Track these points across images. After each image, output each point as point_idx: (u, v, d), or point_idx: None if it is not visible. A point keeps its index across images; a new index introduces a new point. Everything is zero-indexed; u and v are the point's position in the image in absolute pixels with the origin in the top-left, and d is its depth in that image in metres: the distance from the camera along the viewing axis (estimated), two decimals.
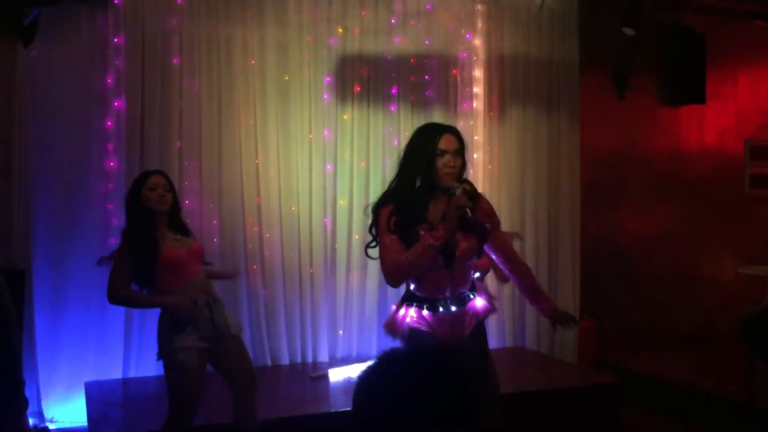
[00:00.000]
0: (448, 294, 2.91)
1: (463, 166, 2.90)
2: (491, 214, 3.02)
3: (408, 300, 2.99)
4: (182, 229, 3.43)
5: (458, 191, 2.74)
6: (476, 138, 5.71)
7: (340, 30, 5.36)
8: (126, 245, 3.25)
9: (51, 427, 4.48)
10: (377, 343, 5.42)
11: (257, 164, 5.14)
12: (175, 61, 4.92)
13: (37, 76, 4.64)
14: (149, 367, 4.59)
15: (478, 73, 5.74)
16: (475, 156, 5.68)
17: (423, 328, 2.91)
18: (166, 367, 3.22)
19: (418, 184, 2.86)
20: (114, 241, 4.34)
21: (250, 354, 3.69)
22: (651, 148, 6.15)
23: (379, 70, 5.47)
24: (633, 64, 5.77)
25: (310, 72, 5.26)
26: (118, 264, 3.24)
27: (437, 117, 5.60)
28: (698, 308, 5.64)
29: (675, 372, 5.67)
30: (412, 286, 2.97)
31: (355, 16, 5.39)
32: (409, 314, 2.95)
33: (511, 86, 5.80)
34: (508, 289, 5.37)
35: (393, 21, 5.48)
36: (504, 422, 3.94)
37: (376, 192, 5.48)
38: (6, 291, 3.96)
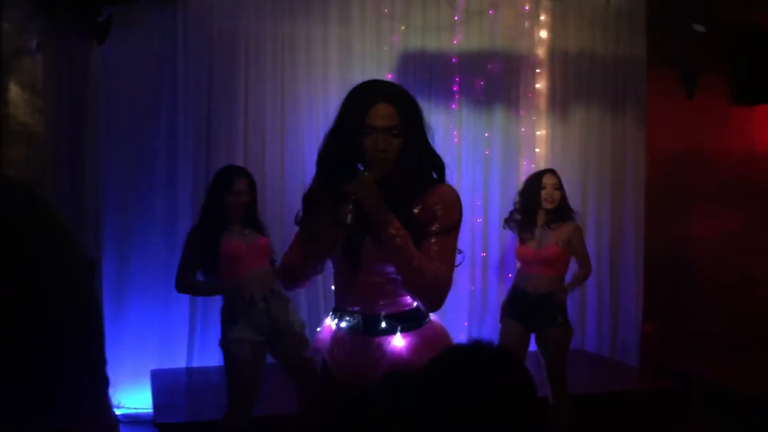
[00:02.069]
0: (357, 309, 2.14)
1: (412, 146, 2.07)
2: (439, 212, 2.07)
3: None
4: (254, 224, 3.51)
5: (366, 173, 2.03)
6: (539, 133, 5.65)
7: (402, 27, 5.38)
8: (193, 237, 3.37)
9: (118, 412, 4.64)
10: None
11: None
12: (241, 59, 5.01)
13: (109, 73, 4.79)
14: (212, 356, 4.70)
15: (542, 70, 5.67)
16: (537, 151, 5.63)
17: (324, 351, 2.23)
18: (224, 357, 3.32)
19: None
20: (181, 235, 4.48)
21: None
22: (721, 149, 5.96)
23: (441, 67, 5.46)
24: (703, 62, 5.61)
25: (371, 69, 5.29)
26: (185, 255, 3.37)
27: (499, 114, 5.57)
28: (766, 315, 5.45)
29: (740, 379, 5.49)
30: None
31: (417, 14, 5.39)
32: (324, 324, 2.30)
33: (576, 84, 5.71)
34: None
35: (456, 18, 5.46)
36: (565, 426, 3.91)
37: None
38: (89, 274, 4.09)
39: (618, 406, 4.44)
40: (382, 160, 2.02)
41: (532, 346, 4.04)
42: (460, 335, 5.53)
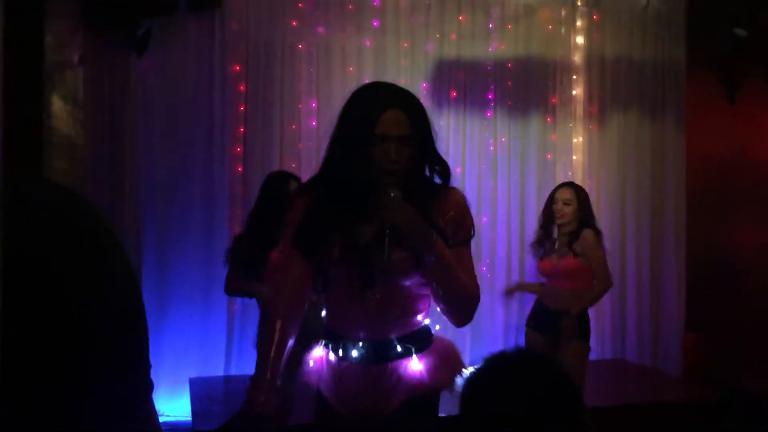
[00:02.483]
0: (362, 335, 1.96)
1: (425, 155, 1.95)
2: (457, 222, 1.96)
3: (325, 335, 2.10)
4: None
5: (393, 194, 1.85)
6: (575, 141, 5.59)
7: (438, 35, 5.37)
8: (242, 244, 3.47)
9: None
10: (470, 350, 5.40)
11: None
12: (277, 69, 5.06)
13: (147, 84, 4.87)
14: (250, 364, 4.71)
15: (578, 75, 5.61)
16: (574, 158, 5.56)
17: (320, 386, 2.06)
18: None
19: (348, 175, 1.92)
20: (218, 244, 4.53)
21: None
22: (765, 154, 5.83)
23: (476, 75, 5.44)
24: (744, 66, 5.49)
25: (406, 78, 5.29)
26: (233, 261, 3.48)
27: (535, 121, 5.53)
28: None
29: None
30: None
31: (452, 21, 5.38)
32: (314, 356, 2.11)
33: (613, 90, 5.64)
34: (606, 297, 5.20)
35: (490, 25, 5.44)
36: None
37: (469, 196, 5.44)
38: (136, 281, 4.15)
39: (659, 417, 4.34)
40: (393, 172, 1.85)
41: None
42: (496, 346, 5.48)
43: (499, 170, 5.52)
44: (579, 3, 5.59)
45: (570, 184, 4.17)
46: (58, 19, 4.61)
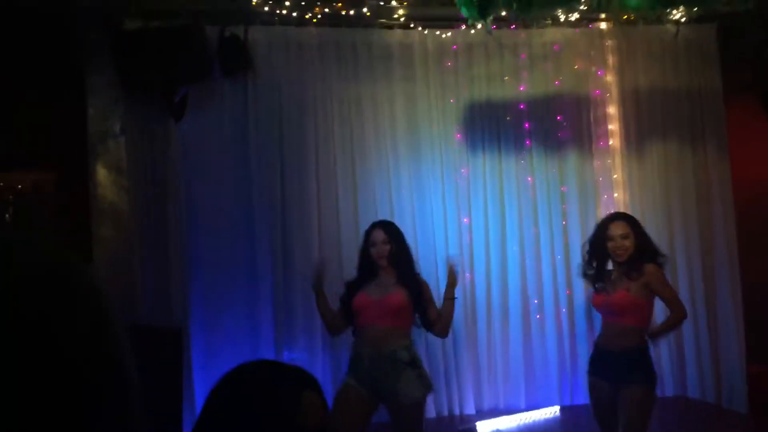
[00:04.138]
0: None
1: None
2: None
3: None
4: (402, 277, 3.59)
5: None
6: (615, 176, 5.49)
7: (467, 79, 5.41)
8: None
9: None
10: (525, 393, 5.25)
11: (392, 218, 5.21)
12: (310, 123, 5.15)
13: (187, 149, 5.00)
14: None
15: (613, 110, 5.56)
16: (615, 195, 5.46)
17: None
18: None
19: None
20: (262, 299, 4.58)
21: None
22: None
23: (509, 116, 5.43)
24: None
25: (438, 123, 5.32)
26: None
27: (572, 159, 5.47)
28: None
29: None
30: None
31: (481, 65, 5.42)
32: None
33: (649, 121, 5.55)
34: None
35: (519, 65, 5.45)
36: None
37: (511, 241, 5.38)
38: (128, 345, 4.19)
39: None
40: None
41: None
42: (552, 390, 5.32)
43: (540, 211, 5.45)
44: (608, 42, 5.57)
45: (622, 216, 3.95)
46: (99, 92, 4.81)
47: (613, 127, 5.56)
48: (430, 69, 5.35)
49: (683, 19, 5.42)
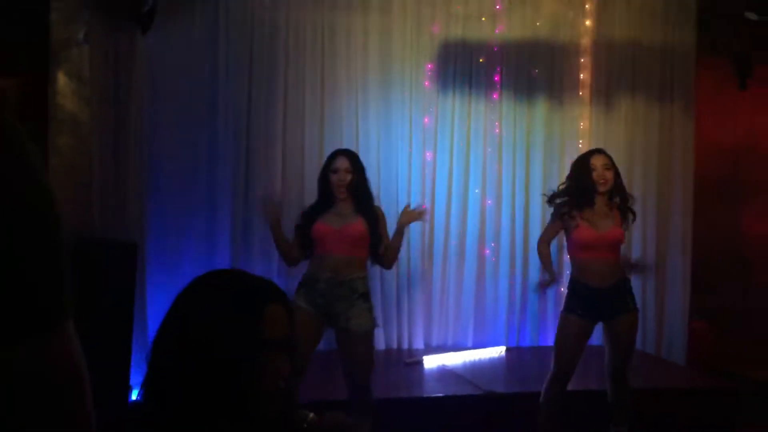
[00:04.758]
0: None
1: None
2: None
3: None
4: (361, 208, 3.56)
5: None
6: (581, 125, 5.53)
7: (444, 16, 5.33)
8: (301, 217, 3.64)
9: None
10: (473, 332, 5.39)
11: (357, 150, 5.18)
12: (281, 48, 5.04)
13: (151, 62, 4.87)
14: None
15: (586, 59, 5.56)
16: (580, 144, 5.51)
17: None
18: None
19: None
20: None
21: None
22: None
23: (482, 57, 5.39)
24: (756, 51, 5.41)
25: (412, 58, 5.26)
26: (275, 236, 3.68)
27: (541, 105, 5.49)
28: None
29: None
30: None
31: (459, 2, 5.34)
32: None
33: (621, 74, 5.57)
34: None
35: (497, 7, 5.40)
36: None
37: (475, 179, 5.42)
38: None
39: (664, 403, 4.31)
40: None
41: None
42: (499, 331, 5.46)
43: (504, 154, 5.48)
44: None
45: (602, 150, 3.90)
46: None
47: (585, 76, 5.57)
48: (407, 2, 5.25)
49: None
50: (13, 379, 0.61)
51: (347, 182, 3.53)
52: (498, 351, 5.30)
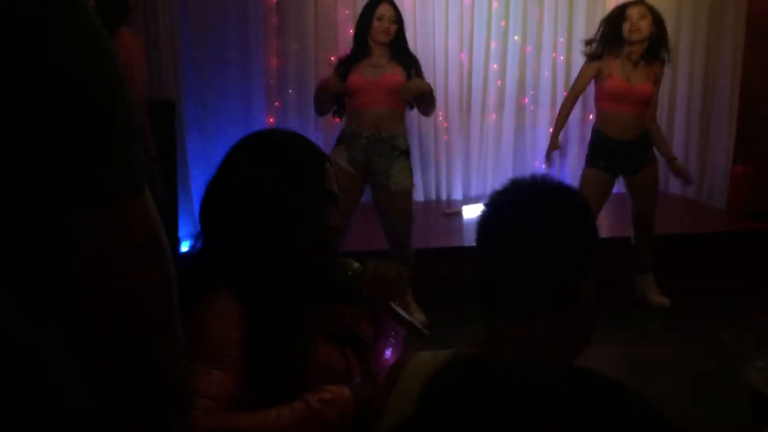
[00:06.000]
0: None
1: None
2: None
3: None
4: (401, 59, 3.45)
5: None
6: None
7: None
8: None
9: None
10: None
11: None
12: None
13: None
14: None
15: None
16: None
17: None
18: None
19: None
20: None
21: None
22: None
23: None
24: None
25: None
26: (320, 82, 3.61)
27: None
28: None
29: None
30: None
31: None
32: None
33: None
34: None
35: None
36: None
37: (514, 26, 5.22)
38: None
39: (703, 247, 4.34)
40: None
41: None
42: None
43: (546, 3, 5.24)
44: None
45: (642, 1, 3.76)
46: None
47: None
48: None
49: None
50: (109, 239, 0.60)
51: (393, 31, 3.42)
52: None
